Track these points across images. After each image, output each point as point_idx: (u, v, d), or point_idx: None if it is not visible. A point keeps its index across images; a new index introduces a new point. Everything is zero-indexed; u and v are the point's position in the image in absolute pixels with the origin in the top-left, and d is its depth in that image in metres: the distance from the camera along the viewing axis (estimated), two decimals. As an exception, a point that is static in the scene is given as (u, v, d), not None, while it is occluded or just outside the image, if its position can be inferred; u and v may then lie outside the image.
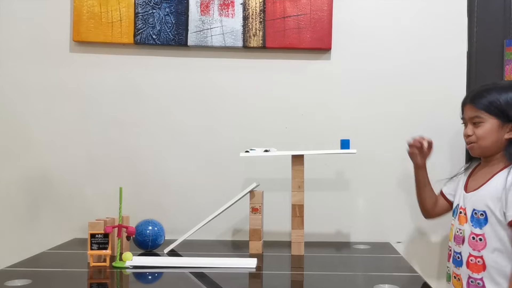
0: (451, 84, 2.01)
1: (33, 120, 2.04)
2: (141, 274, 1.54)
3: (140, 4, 1.99)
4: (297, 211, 1.77)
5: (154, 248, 1.78)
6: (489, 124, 1.64)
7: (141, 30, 2.00)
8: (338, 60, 2.03)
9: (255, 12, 1.98)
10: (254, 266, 1.58)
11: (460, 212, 1.71)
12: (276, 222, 1.98)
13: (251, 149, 1.79)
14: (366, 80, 2.03)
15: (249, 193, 1.79)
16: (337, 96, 2.03)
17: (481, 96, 1.66)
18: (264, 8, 1.98)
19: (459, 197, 1.75)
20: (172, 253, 1.77)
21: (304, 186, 1.76)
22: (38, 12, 2.03)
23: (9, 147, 2.05)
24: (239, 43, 1.99)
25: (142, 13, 1.99)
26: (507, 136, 1.64)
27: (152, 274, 1.54)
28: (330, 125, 2.03)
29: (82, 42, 2.02)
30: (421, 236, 2.03)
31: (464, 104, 1.72)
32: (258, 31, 1.99)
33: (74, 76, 2.04)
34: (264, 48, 2.00)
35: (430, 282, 1.88)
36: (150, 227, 1.76)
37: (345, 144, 1.75)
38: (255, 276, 1.54)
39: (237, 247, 1.94)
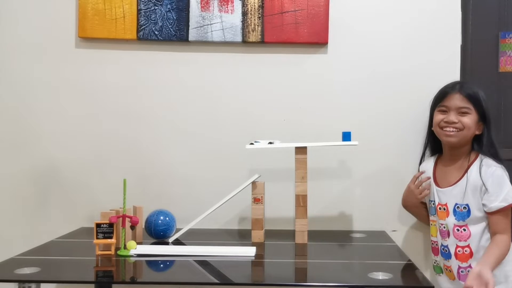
0: (446, 75, 1.99)
1: (40, 114, 2.10)
2: (145, 262, 1.58)
3: (143, 1, 2.04)
4: (301, 201, 1.81)
5: (165, 238, 1.83)
6: (473, 116, 1.75)
7: (143, 26, 2.05)
8: (334, 54, 2.06)
9: (254, 8, 2.02)
10: (253, 255, 1.62)
11: (440, 208, 1.78)
12: (279, 211, 2.03)
13: (255, 141, 1.84)
14: (362, 73, 2.06)
15: (251, 184, 1.83)
16: (333, 89, 2.07)
17: (471, 90, 1.77)
18: (263, 3, 2.02)
19: (432, 194, 1.82)
20: (177, 242, 1.81)
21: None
22: (45, 9, 2.08)
23: (17, 140, 2.10)
24: (239, 38, 2.04)
25: (144, 9, 2.04)
26: (477, 132, 1.76)
27: (155, 262, 1.59)
28: (327, 117, 2.07)
29: (87, 38, 2.07)
30: (416, 225, 2.06)
31: (450, 91, 1.79)
32: (256, 26, 2.03)
33: (79, 71, 2.10)
34: (262, 43, 2.04)
35: (423, 270, 1.94)
36: (162, 217, 1.82)
37: (346, 136, 1.80)
38: (258, 264, 1.58)
39: (241, 236, 1.98)
